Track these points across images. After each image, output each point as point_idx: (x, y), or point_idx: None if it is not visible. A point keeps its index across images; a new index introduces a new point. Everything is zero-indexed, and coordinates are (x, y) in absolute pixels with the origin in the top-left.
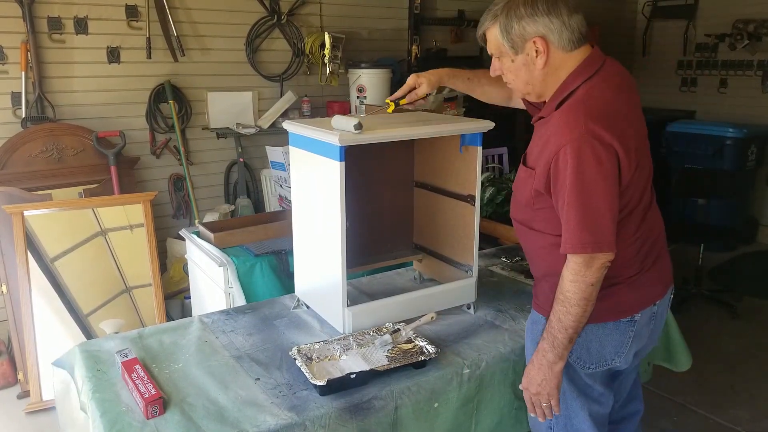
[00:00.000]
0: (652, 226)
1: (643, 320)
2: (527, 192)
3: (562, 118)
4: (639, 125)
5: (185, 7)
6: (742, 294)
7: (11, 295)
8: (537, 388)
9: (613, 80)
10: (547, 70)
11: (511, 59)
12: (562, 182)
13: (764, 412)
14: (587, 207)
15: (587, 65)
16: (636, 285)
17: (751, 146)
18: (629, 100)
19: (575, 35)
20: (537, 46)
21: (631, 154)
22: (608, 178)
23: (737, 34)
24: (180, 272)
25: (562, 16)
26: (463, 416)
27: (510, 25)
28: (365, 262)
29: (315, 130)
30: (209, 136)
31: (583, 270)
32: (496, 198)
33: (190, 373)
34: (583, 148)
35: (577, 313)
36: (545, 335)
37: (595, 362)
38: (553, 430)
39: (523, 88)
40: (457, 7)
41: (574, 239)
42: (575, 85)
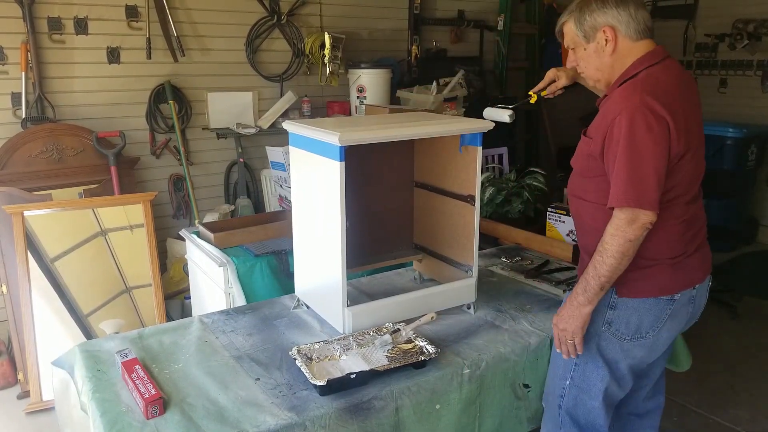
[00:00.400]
0: (697, 217)
1: (682, 301)
2: (582, 159)
3: (621, 92)
4: (695, 115)
5: (185, 7)
6: (742, 294)
7: (11, 295)
8: (564, 324)
9: (672, 71)
10: (615, 57)
11: (584, 48)
12: (615, 144)
13: (764, 412)
14: (635, 166)
15: (651, 55)
16: (678, 267)
17: (751, 146)
18: (686, 91)
19: (641, 26)
20: (606, 35)
21: (682, 133)
22: (658, 144)
23: (737, 34)
24: (180, 272)
25: (629, 9)
26: (466, 419)
27: (583, 17)
28: (365, 262)
29: (315, 130)
30: (209, 136)
31: (624, 225)
32: (496, 198)
33: (190, 373)
34: (637, 115)
35: (612, 265)
36: (580, 280)
37: (632, 334)
38: (563, 399)
39: (594, 74)
40: (457, 7)
41: (620, 193)
42: (638, 70)
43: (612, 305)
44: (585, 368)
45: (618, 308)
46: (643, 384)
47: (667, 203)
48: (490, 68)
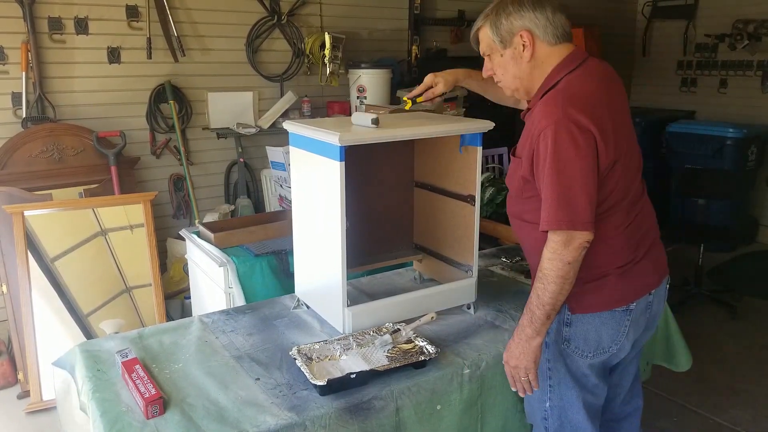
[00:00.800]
0: (642, 218)
1: (639, 309)
2: (516, 181)
3: (543, 105)
4: (622, 116)
5: (185, 7)
6: (742, 294)
7: (11, 295)
8: (515, 361)
9: (594, 73)
10: (533, 63)
11: (500, 54)
12: (543, 163)
13: (764, 412)
14: (563, 186)
15: (570, 60)
16: (629, 275)
17: (751, 146)
18: (611, 91)
19: (559, 31)
20: (524, 40)
21: (609, 141)
22: (584, 158)
23: (737, 35)
24: (180, 272)
25: (546, 12)
26: (468, 420)
27: (499, 21)
28: (365, 262)
29: (315, 130)
30: (209, 136)
31: (560, 249)
32: (496, 198)
33: (190, 373)
34: (561, 130)
35: (554, 291)
36: (525, 311)
37: (593, 351)
38: (548, 421)
39: (512, 82)
40: (457, 7)
41: (551, 216)
42: (558, 78)
43: (567, 322)
44: (560, 388)
45: (573, 325)
46: (618, 392)
47: (605, 213)
48: None
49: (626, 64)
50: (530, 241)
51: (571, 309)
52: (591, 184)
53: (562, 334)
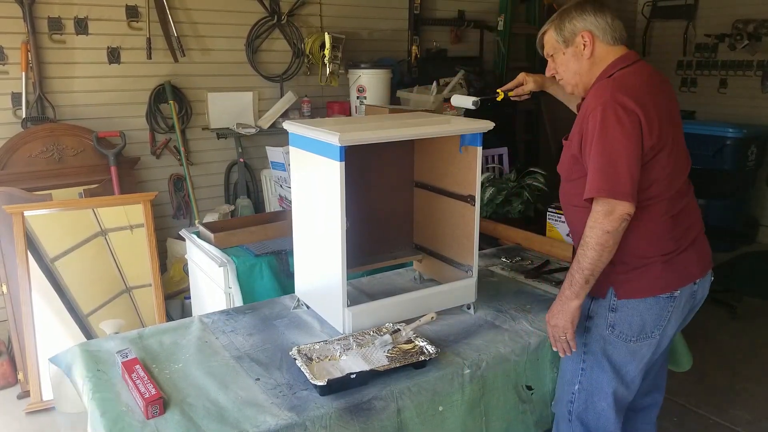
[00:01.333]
0: (687, 213)
1: (683, 297)
2: (566, 162)
3: (594, 91)
4: (669, 113)
5: (185, 7)
6: (742, 294)
7: (11, 295)
8: (555, 320)
9: (645, 71)
10: (592, 60)
11: (563, 53)
12: (590, 139)
13: (764, 412)
14: (607, 158)
15: (624, 58)
16: (673, 263)
17: (751, 146)
18: (659, 89)
19: (617, 34)
20: (585, 39)
21: (654, 127)
22: (629, 137)
23: (737, 35)
24: (180, 272)
25: (606, 17)
26: (471, 422)
27: (563, 24)
28: (365, 262)
29: (315, 130)
30: (209, 136)
31: (601, 218)
32: (496, 198)
33: (190, 373)
34: (608, 111)
35: (592, 257)
36: (567, 275)
37: (636, 335)
38: (573, 404)
39: (572, 78)
40: (457, 8)
41: (593, 185)
42: (612, 71)
43: (612, 308)
44: (592, 373)
45: (619, 310)
46: (643, 381)
47: (650, 200)
48: (490, 68)
49: None
50: (580, 226)
51: (617, 294)
52: (634, 160)
53: (608, 320)
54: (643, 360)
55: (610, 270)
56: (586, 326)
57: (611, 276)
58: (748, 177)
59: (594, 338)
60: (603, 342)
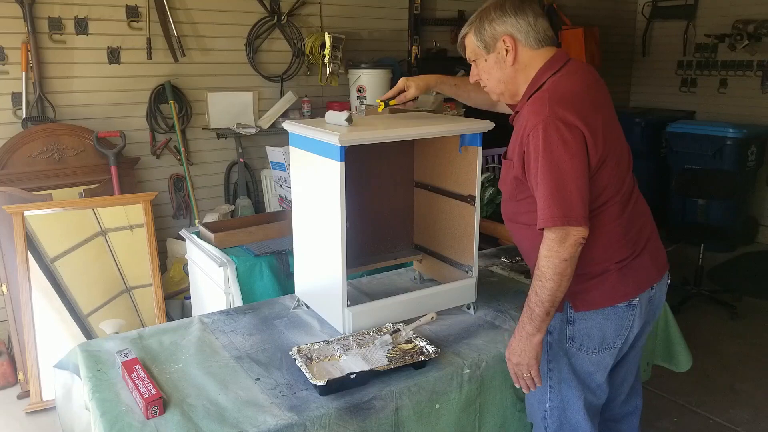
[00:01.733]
0: (637, 212)
1: (641, 303)
2: (509, 183)
3: (530, 106)
4: (608, 113)
5: (185, 7)
6: (741, 294)
7: (11, 296)
8: (517, 358)
9: (578, 74)
10: (516, 67)
11: (484, 59)
12: (534, 162)
13: (764, 412)
14: (556, 183)
15: (553, 62)
16: (629, 270)
17: (751, 146)
18: (595, 91)
19: (540, 35)
20: (506, 44)
21: (599, 137)
22: (575, 156)
23: (737, 35)
24: (180, 272)
25: (527, 18)
26: (466, 419)
27: (483, 27)
28: (365, 262)
29: (315, 130)
30: (209, 136)
31: (556, 246)
32: (496, 198)
33: (190, 373)
34: (549, 129)
35: (552, 288)
36: (525, 308)
37: (598, 347)
38: (547, 420)
39: (497, 86)
40: (457, 8)
41: (545, 214)
42: (543, 80)
43: (570, 321)
44: (560, 388)
45: (576, 323)
46: (620, 391)
47: (599, 209)
48: None
49: (626, 64)
50: (527, 243)
51: (575, 306)
52: (582, 181)
53: (566, 332)
54: (608, 368)
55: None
56: (547, 341)
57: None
58: (748, 177)
59: (555, 353)
60: (566, 356)
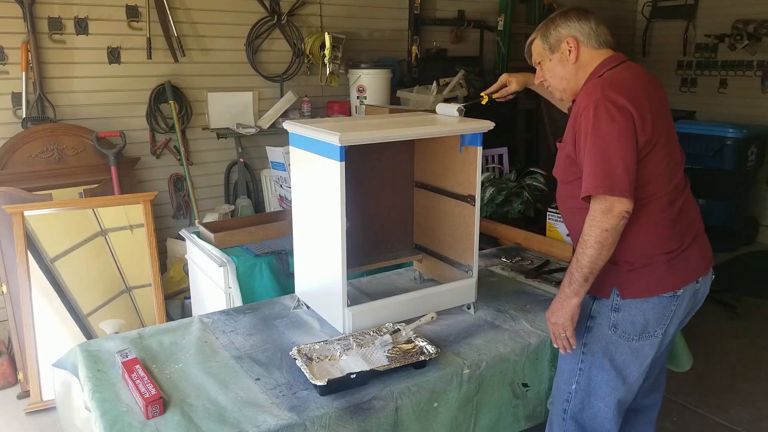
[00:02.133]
0: (687, 209)
1: (686, 295)
2: (562, 163)
3: (585, 91)
4: (661, 108)
5: (185, 7)
6: (742, 294)
7: (11, 295)
8: (555, 317)
9: (633, 69)
10: (578, 65)
11: (549, 59)
12: (584, 139)
13: (764, 412)
14: (603, 155)
15: (611, 60)
16: (676, 262)
17: (751, 146)
18: (649, 86)
19: (601, 38)
20: (570, 45)
21: (647, 121)
22: (623, 133)
23: (737, 35)
24: (180, 272)
25: (590, 23)
26: (462, 416)
27: (548, 32)
28: (365, 262)
29: (315, 130)
30: (209, 136)
31: (599, 215)
32: (496, 198)
33: (190, 373)
34: (599, 108)
35: (591, 255)
36: (566, 273)
37: (639, 334)
38: (569, 403)
39: (560, 83)
40: (457, 8)
41: (589, 183)
42: (600, 73)
43: (615, 308)
44: (590, 372)
45: (621, 310)
46: (644, 380)
47: (648, 198)
48: (490, 68)
49: None
50: (577, 228)
51: (622, 294)
52: (629, 155)
53: (611, 320)
54: (646, 360)
55: (614, 270)
56: (587, 326)
57: (615, 276)
58: (748, 177)
59: (595, 338)
60: (605, 342)
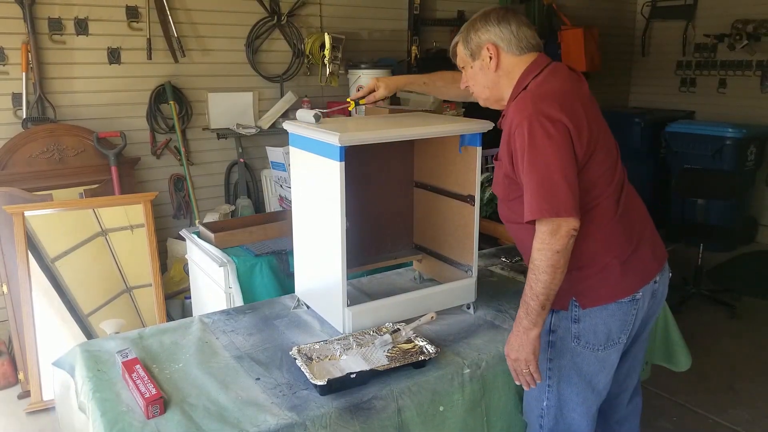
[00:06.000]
0: (632, 204)
1: (645, 297)
2: (501, 182)
3: (515, 105)
4: (592, 109)
5: (185, 7)
6: (741, 294)
7: (12, 296)
8: (515, 353)
9: (558, 73)
10: (499, 73)
11: (471, 66)
12: (521, 157)
13: (764, 412)
14: (542, 175)
15: (534, 66)
16: (630, 264)
17: (750, 146)
18: (578, 88)
19: (523, 43)
20: (490, 52)
21: (583, 129)
22: (560, 148)
23: (736, 35)
24: (180, 272)
25: (510, 27)
26: (473, 422)
27: (469, 36)
28: (365, 262)
29: (315, 130)
30: (210, 136)
31: (548, 238)
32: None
33: (190, 373)
34: (534, 124)
35: (546, 281)
36: (521, 303)
37: (603, 343)
38: (543, 419)
39: (482, 91)
40: (457, 8)
41: (533, 206)
42: (526, 83)
43: (575, 319)
44: (559, 387)
45: (582, 321)
46: (624, 387)
47: (593, 203)
48: None
49: (626, 64)
50: (525, 242)
51: (582, 304)
52: (570, 171)
53: (572, 331)
54: (613, 367)
55: (569, 280)
56: (549, 341)
57: (572, 286)
58: (747, 177)
59: (559, 352)
60: (570, 355)
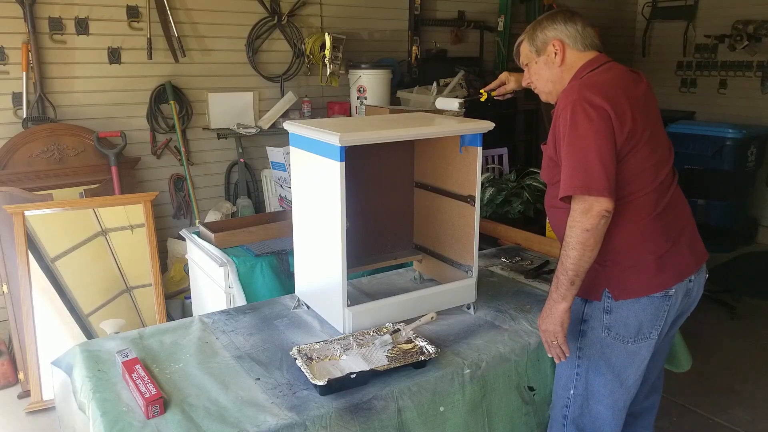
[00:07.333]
0: (675, 206)
1: (678, 295)
2: (547, 168)
3: (563, 93)
4: (644, 105)
5: (186, 7)
6: (741, 294)
7: (12, 295)
8: (545, 325)
9: (614, 70)
10: (563, 67)
11: (535, 61)
12: (562, 139)
13: (764, 412)
14: (579, 155)
15: (594, 61)
16: (665, 261)
17: (750, 147)
18: (632, 85)
19: (587, 41)
20: (555, 47)
21: (626, 120)
22: (599, 132)
23: (737, 35)
24: (180, 272)
25: (576, 26)
26: (474, 423)
27: (535, 34)
28: (365, 262)
29: (315, 130)
30: (210, 136)
31: (579, 216)
32: (496, 198)
33: (190, 373)
34: (576, 108)
35: (575, 257)
36: (553, 278)
37: (634, 336)
38: (568, 408)
39: (545, 85)
40: (457, 8)
41: (567, 183)
42: (582, 75)
43: (607, 310)
44: (587, 377)
45: (614, 312)
46: (644, 384)
47: (631, 196)
48: (490, 69)
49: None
50: (560, 227)
51: (614, 295)
52: (606, 154)
53: (603, 322)
54: (644, 362)
55: (602, 271)
56: (581, 330)
57: (605, 277)
58: (747, 177)
59: (590, 342)
60: (600, 345)
